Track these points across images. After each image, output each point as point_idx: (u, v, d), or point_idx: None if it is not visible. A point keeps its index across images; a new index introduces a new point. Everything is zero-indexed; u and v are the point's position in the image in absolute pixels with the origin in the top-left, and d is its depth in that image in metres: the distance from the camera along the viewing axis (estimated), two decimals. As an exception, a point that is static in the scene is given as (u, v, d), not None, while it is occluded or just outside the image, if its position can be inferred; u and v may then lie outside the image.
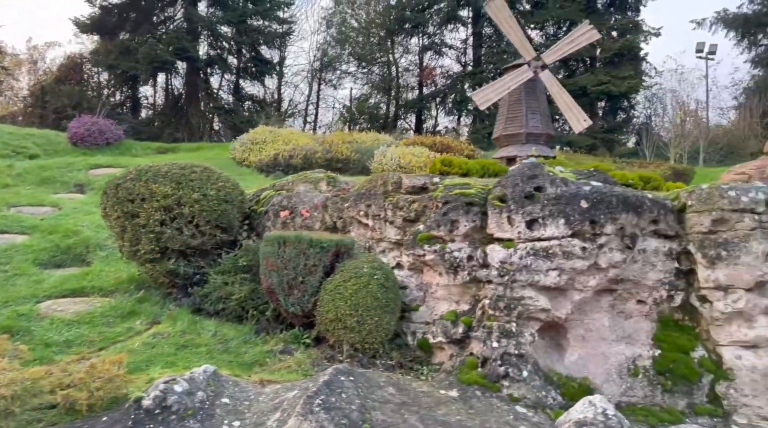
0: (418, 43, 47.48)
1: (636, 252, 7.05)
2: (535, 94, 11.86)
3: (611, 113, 46.49)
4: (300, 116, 50.52)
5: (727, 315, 6.88)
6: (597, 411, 5.00)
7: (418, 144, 17.55)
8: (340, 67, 49.28)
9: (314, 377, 5.77)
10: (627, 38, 42.01)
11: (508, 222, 6.81)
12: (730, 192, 7.09)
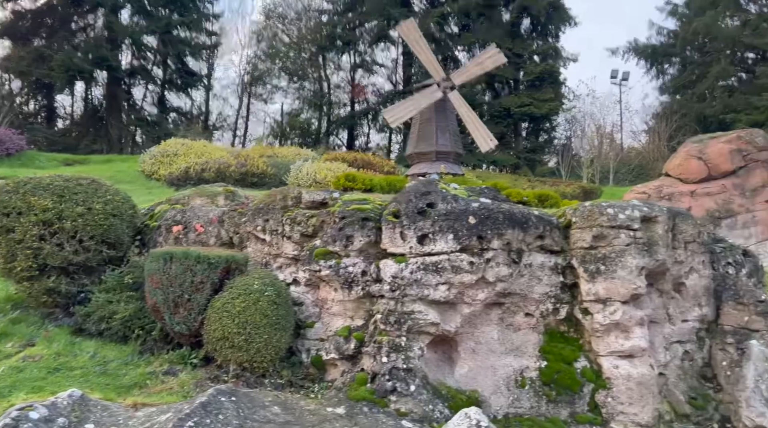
0: (350, 61, 47.90)
1: (522, 266, 7.32)
2: (445, 113, 12.19)
3: (534, 134, 48.59)
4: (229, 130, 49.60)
5: (606, 327, 7.27)
6: (471, 423, 5.11)
7: (339, 160, 17.63)
8: (271, 81, 48.92)
9: (192, 399, 5.56)
10: (548, 63, 44.23)
11: (401, 238, 6.90)
12: (609, 209, 7.54)
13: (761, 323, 8.27)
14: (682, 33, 43.88)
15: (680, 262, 8.25)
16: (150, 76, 41.44)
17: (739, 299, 8.44)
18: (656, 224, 7.77)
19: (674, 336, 8.29)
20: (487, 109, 45.83)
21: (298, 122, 48.17)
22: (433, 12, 43.53)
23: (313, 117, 50.00)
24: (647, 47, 46.20)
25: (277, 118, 49.80)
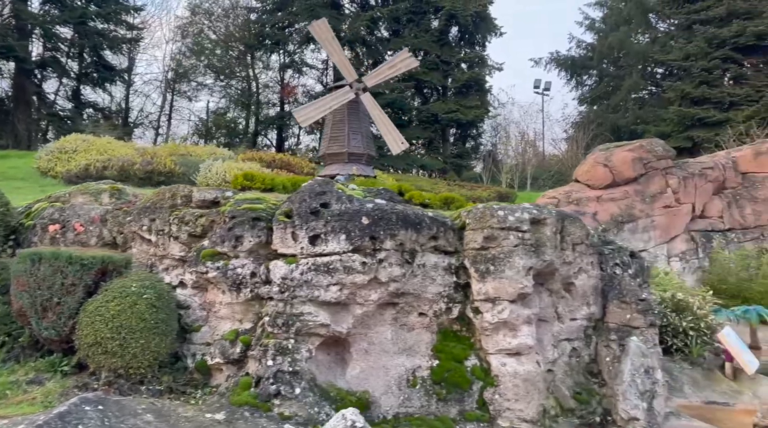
0: (279, 61, 47.15)
1: (416, 266, 7.39)
2: (358, 115, 12.18)
3: (461, 140, 49.68)
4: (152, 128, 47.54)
5: (495, 325, 7.46)
6: (346, 424, 5.06)
7: (256, 160, 17.23)
8: (196, 78, 47.32)
9: (51, 409, 5.19)
10: (474, 71, 45.36)
11: (293, 238, 6.79)
12: (500, 212, 7.76)
13: (641, 320, 8.78)
14: (599, 47, 46.33)
15: (569, 263, 8.61)
16: (63, 69, 38.99)
17: (622, 298, 8.91)
18: (545, 226, 8.08)
19: (563, 334, 8.65)
20: (416, 114, 46.42)
21: (224, 121, 46.84)
22: (364, 15, 43.61)
23: (240, 116, 48.78)
24: (567, 59, 48.41)
25: (203, 117, 48.21)
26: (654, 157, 20.38)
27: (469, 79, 45.24)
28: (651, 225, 19.51)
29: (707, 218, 21.09)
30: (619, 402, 7.66)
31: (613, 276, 9.39)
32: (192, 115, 49.94)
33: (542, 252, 7.88)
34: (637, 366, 7.92)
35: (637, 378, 7.78)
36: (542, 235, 7.99)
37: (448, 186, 21.36)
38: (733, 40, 35.82)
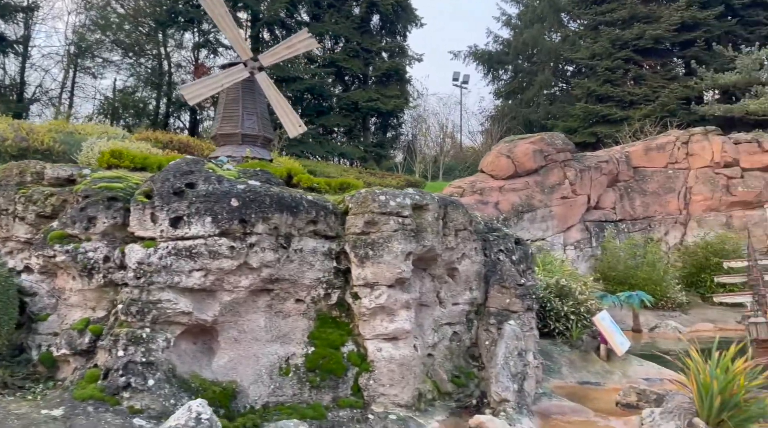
0: (193, 39, 44.99)
1: (292, 251, 7.15)
2: (253, 95, 11.70)
3: (381, 129, 49.78)
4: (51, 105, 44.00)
5: (372, 310, 7.38)
6: (191, 416, 4.76)
7: (151, 140, 16.25)
8: (102, 54, 44.21)
9: None
10: (395, 60, 45.45)
11: (151, 220, 6.33)
12: (381, 196, 7.67)
13: (519, 304, 9.04)
14: (515, 42, 47.80)
15: (452, 249, 8.69)
16: (-57, 35, 35.18)
17: (503, 283, 9.12)
18: (426, 212, 8.08)
19: (444, 319, 8.74)
20: (336, 101, 45.97)
21: (131, 101, 44.18)
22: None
23: (150, 97, 46.18)
24: (485, 53, 49.57)
25: (109, 95, 45.22)
26: (554, 149, 21.26)
27: (389, 69, 45.27)
28: (549, 215, 20.40)
29: (601, 209, 22.37)
30: (492, 384, 7.83)
31: (497, 262, 9.59)
32: (97, 94, 46.69)
33: (423, 238, 7.88)
34: (511, 349, 8.13)
35: (510, 361, 7.98)
36: (424, 221, 7.98)
37: (359, 174, 21.24)
38: (634, 42, 38.09)
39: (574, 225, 20.94)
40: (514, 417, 7.30)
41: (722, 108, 34.63)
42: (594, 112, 39.45)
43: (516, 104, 48.68)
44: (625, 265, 19.77)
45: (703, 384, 6.81)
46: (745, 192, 22.19)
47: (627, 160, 23.21)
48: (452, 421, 7.52)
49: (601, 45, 39.31)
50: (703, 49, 38.07)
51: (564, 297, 11.88)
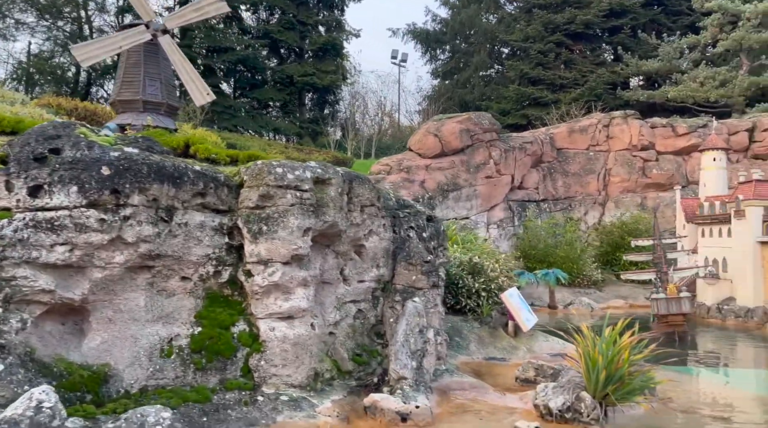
0: (116, 3, 42.17)
1: (175, 225, 6.66)
2: (157, 60, 10.94)
3: (318, 105, 48.79)
4: (-45, 68, 40.31)
5: (266, 288, 7.03)
6: (31, 404, 4.30)
7: (53, 106, 15.02)
8: (13, 15, 40.72)
9: None
10: (332, 35, 44.42)
11: (6, 188, 5.69)
12: (278, 169, 7.25)
13: (425, 281, 8.94)
14: (452, 22, 47.76)
15: (357, 225, 8.42)
16: None
17: (409, 260, 8.98)
18: (329, 186, 7.75)
19: (348, 296, 8.51)
20: (270, 74, 44.57)
21: (48, 66, 41.10)
22: (213, -38, 40.35)
23: (69, 62, 43.14)
24: (423, 32, 49.29)
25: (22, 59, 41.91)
26: (481, 129, 21.38)
27: (326, 43, 44.20)
28: (474, 194, 20.60)
29: (525, 189, 22.82)
30: (392, 361, 7.70)
31: (406, 240, 9.43)
32: (10, 58, 43.19)
33: (324, 213, 7.56)
34: (412, 327, 8.02)
35: (410, 338, 7.87)
36: (326, 196, 7.66)
37: (284, 149, 20.61)
38: (565, 26, 38.87)
39: (498, 205, 21.27)
40: (410, 394, 7.19)
41: (645, 94, 36.10)
42: (526, 94, 40.18)
43: (452, 84, 48.83)
44: (545, 244, 20.32)
45: (591, 359, 6.92)
46: (659, 174, 23.23)
47: (551, 142, 23.74)
48: (350, 400, 7.34)
49: (534, 28, 39.89)
50: (629, 36, 39.43)
51: (477, 275, 11.95)
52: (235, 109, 42.78)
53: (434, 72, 51.52)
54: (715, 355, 12.86)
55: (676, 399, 8.32)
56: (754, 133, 23.71)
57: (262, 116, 44.93)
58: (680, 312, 13.02)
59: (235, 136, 25.76)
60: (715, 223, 16.83)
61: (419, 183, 19.24)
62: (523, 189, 22.43)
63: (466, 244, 15.74)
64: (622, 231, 21.32)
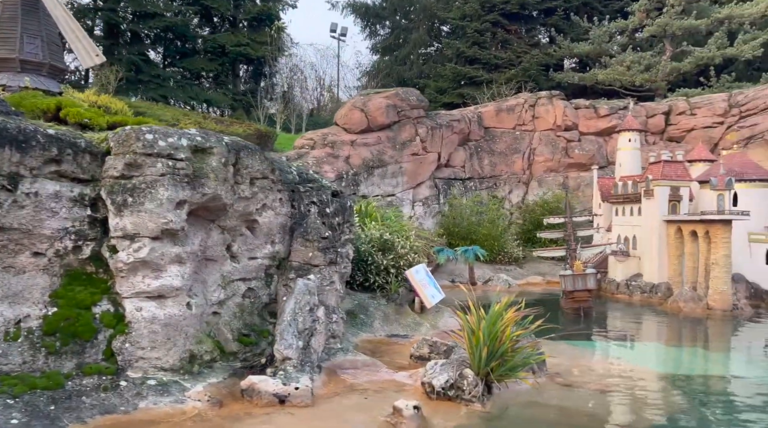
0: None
1: (21, 195, 5.97)
2: (38, 15, 9.93)
3: (254, 77, 47.12)
4: None
5: (131, 265, 6.47)
6: None
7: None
8: None
9: None
10: (267, 4, 42.77)
11: None
12: (148, 135, 6.65)
13: (321, 258, 8.61)
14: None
15: (247, 198, 7.93)
16: None
17: (306, 236, 8.60)
18: (210, 156, 7.21)
19: (237, 274, 8.06)
20: (202, 43, 42.55)
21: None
22: None
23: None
24: (362, 5, 48.29)
25: None
26: (408, 105, 21.10)
27: (261, 12, 42.53)
28: (400, 171, 20.38)
29: (451, 167, 22.83)
30: (277, 341, 7.35)
31: (306, 215, 9.04)
32: None
33: (203, 185, 7.03)
34: (302, 305, 7.67)
35: (299, 317, 7.53)
36: (206, 166, 7.11)
37: (202, 119, 19.61)
38: (501, 5, 38.91)
39: (424, 182, 21.18)
40: (293, 375, 6.88)
41: (576, 76, 36.87)
42: (462, 73, 40.16)
43: (392, 61, 48.27)
44: (468, 222, 20.46)
45: (474, 336, 6.83)
46: (581, 154, 23.80)
47: (479, 120, 23.80)
48: (229, 383, 6.96)
49: (472, 6, 39.77)
50: (562, 18, 39.97)
51: (387, 252, 11.76)
52: (163, 79, 40.62)
53: (374, 47, 50.75)
54: (617, 330, 13.29)
55: (566, 374, 8.44)
56: (670, 117, 24.63)
57: (192, 87, 42.96)
58: (585, 288, 13.35)
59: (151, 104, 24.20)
60: (627, 202, 17.36)
61: (344, 158, 18.81)
62: (449, 167, 22.43)
63: (385, 221, 15.53)
64: (543, 209, 21.74)
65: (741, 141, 21.44)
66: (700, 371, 9.73)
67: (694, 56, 32.11)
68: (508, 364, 6.88)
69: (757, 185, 16.18)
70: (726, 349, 11.53)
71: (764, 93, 22.13)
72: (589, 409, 7.24)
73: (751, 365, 10.22)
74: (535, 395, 7.32)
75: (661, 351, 11.32)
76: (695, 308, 14.31)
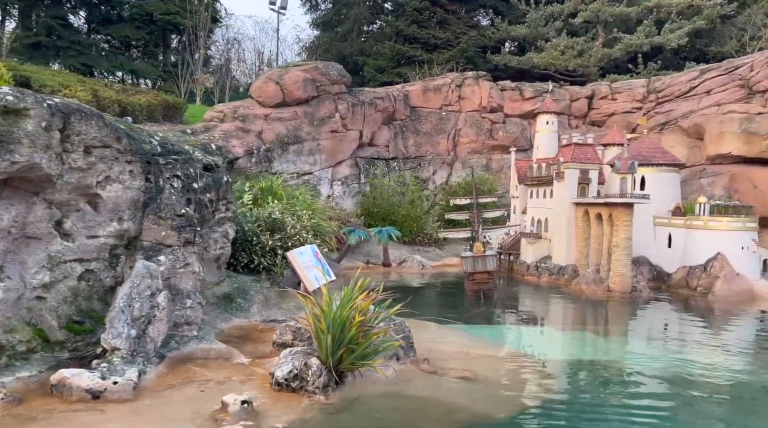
0: None
1: None
2: None
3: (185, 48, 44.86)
4: None
5: None
6: None
7: None
8: None
9: None
10: (200, -29, 40.57)
11: None
12: (-64, 91, 5.73)
13: (175, 238, 7.82)
14: (334, -31, 45.47)
15: (82, 169, 7.04)
16: None
17: (159, 213, 7.80)
18: (25, 119, 6.28)
19: (70, 254, 7.19)
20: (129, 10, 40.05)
21: None
22: None
23: None
24: (303, -24, 46.63)
25: None
26: (328, 80, 20.25)
27: (192, -22, 40.23)
28: (317, 149, 19.60)
29: (375, 146, 22.21)
30: (105, 330, 6.58)
31: (164, 190, 8.21)
32: None
33: (13, 151, 6.13)
34: (140, 290, 6.91)
35: (135, 303, 6.77)
36: (19, 130, 6.21)
37: (104, 86, 18.12)
38: (441, -17, 38.35)
39: (345, 161, 20.48)
40: (118, 368, 6.16)
41: (513, 59, 36.83)
42: (401, 52, 39.44)
43: (332, 37, 47.02)
44: (388, 202, 19.97)
45: (320, 322, 6.28)
46: (505, 136, 23.66)
47: (405, 99, 23.23)
48: (45, 376, 6.16)
49: (411, -17, 39.00)
50: (501, 0, 39.81)
51: (276, 231, 11.08)
52: (84, 46, 38.07)
53: (314, 22, 49.33)
54: (513, 313, 13.10)
55: (438, 360, 8.05)
56: (593, 101, 24.81)
57: (117, 56, 40.48)
58: (485, 270, 13.10)
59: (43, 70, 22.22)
60: (540, 185, 17.26)
61: (256, 133, 17.83)
62: (373, 146, 21.81)
63: (290, 200, 14.82)
64: (465, 191, 21.48)
65: (656, 126, 21.78)
66: (582, 355, 9.58)
67: (624, 43, 32.58)
68: (358, 352, 6.37)
69: (664, 170, 16.37)
70: (617, 333, 11.50)
71: (680, 80, 22.50)
72: (449, 399, 6.85)
73: (631, 349, 10.19)
74: (393, 384, 6.88)
75: (547, 335, 11.18)
76: (596, 290, 14.36)
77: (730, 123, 18.87)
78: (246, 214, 10.97)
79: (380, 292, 6.80)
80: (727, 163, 19.23)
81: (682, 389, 7.77)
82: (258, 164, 17.33)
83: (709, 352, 9.77)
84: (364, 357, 6.43)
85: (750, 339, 11.35)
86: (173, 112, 18.48)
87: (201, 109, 21.80)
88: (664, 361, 9.15)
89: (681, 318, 12.94)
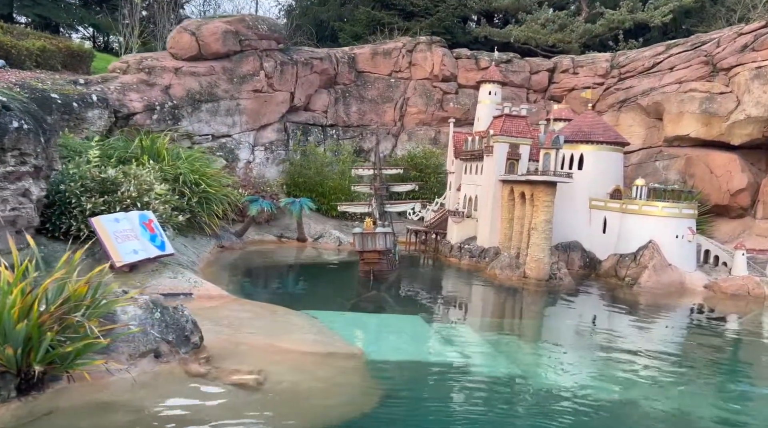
0: None
1: None
2: None
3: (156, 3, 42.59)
4: None
5: None
6: None
7: None
8: None
9: None
10: None
11: None
12: None
13: None
14: (312, -73, 42.98)
15: None
16: None
17: None
18: None
19: None
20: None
21: None
22: None
23: None
24: (282, -66, 44.15)
25: None
26: (255, 35, 18.37)
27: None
28: (237, 109, 17.79)
29: (311, 111, 20.40)
30: None
31: None
32: None
33: None
34: None
35: None
36: None
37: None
38: (421, -54, 35.94)
39: (271, 125, 18.70)
40: None
41: (492, 31, 34.67)
42: (377, 18, 37.29)
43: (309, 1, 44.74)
44: (317, 173, 18.31)
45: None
46: (456, 108, 21.83)
47: (351, 62, 21.35)
48: None
49: (390, -56, 36.62)
50: (485, -32, 37.42)
51: (109, 194, 9.46)
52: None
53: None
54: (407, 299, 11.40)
55: (230, 358, 6.50)
56: (554, 74, 22.89)
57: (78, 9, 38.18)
58: (374, 249, 11.46)
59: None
60: (473, 160, 15.57)
61: (162, 87, 16.04)
62: (309, 111, 20.01)
63: (177, 161, 13.17)
64: (410, 165, 19.79)
65: (615, 104, 19.94)
66: (430, 357, 7.85)
67: (606, 18, 30.44)
68: (56, 351, 4.81)
69: (605, 148, 14.62)
70: (492, 329, 9.59)
71: (644, 55, 20.55)
72: (187, 416, 5.24)
73: (492, 357, 8.57)
74: (122, 393, 5.32)
75: (412, 329, 9.07)
76: (511, 276, 12.77)
77: (690, 102, 17.05)
78: (70, 173, 9.33)
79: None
80: (685, 145, 17.48)
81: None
82: (161, 122, 15.59)
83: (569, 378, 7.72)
84: (65, 357, 4.86)
85: (647, 347, 9.49)
86: (77, 60, 16.68)
87: (107, 57, 20.02)
88: (503, 373, 7.51)
89: (587, 314, 11.14)
